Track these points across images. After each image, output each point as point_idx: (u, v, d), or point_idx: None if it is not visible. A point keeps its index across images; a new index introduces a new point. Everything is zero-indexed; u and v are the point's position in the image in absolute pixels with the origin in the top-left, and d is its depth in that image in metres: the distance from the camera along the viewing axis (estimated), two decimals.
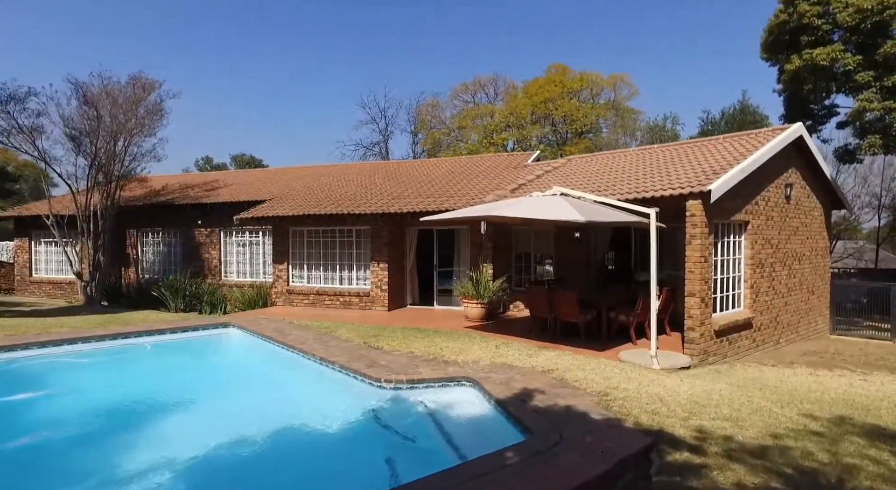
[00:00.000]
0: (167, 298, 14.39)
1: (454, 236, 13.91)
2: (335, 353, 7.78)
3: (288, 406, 6.16)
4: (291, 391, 6.77)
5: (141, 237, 17.45)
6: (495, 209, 8.16)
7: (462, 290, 11.80)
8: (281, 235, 14.39)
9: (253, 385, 7.11)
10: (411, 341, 9.18)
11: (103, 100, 13.82)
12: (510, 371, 6.90)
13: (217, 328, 10.28)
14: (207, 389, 6.88)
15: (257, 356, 8.70)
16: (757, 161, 8.72)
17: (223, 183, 19.03)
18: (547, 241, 12.95)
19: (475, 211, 8.22)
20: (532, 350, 8.50)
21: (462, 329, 10.56)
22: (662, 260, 10.93)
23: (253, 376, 7.56)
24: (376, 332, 10.04)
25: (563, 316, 9.49)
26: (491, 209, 8.20)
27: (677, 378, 6.87)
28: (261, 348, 8.81)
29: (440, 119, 36.31)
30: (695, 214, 7.91)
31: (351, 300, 13.59)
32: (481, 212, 8.06)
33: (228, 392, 6.81)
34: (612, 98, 34.16)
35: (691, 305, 7.93)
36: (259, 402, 6.32)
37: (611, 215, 7.78)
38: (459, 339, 9.43)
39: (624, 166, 11.49)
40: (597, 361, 7.69)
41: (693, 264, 7.92)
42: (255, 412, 5.96)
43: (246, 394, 6.70)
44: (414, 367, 7.00)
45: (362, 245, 13.72)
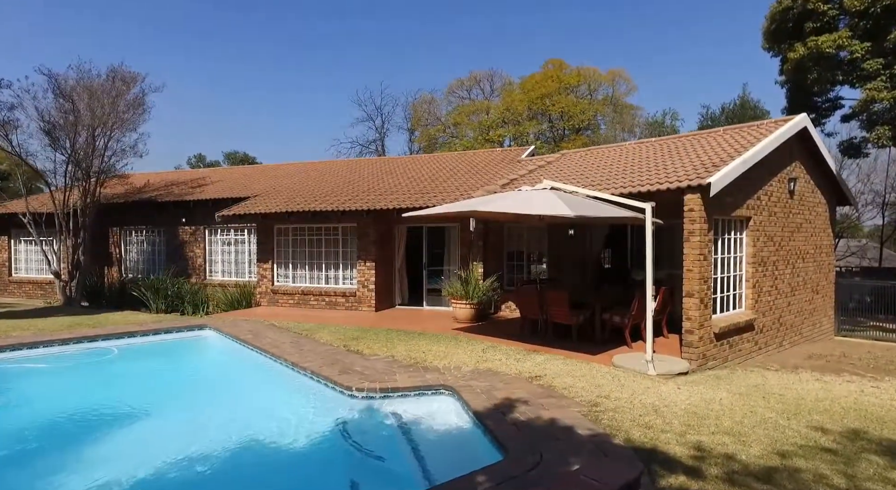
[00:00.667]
0: (148, 299, 13.90)
1: (444, 234, 13.41)
2: (309, 357, 7.29)
3: (250, 417, 5.66)
4: (257, 400, 6.27)
5: (124, 235, 16.95)
6: (480, 204, 7.66)
7: (450, 290, 11.30)
8: (265, 234, 13.89)
9: (217, 393, 6.61)
10: (394, 344, 8.69)
11: (80, 92, 13.30)
12: (494, 378, 6.40)
13: (192, 330, 9.78)
14: (166, 398, 6.38)
15: (228, 361, 8.21)
16: (759, 153, 8.22)
17: (210, 180, 18.51)
18: (540, 239, 12.46)
19: (458, 206, 7.73)
20: (521, 354, 8.01)
21: (450, 331, 10.07)
22: (660, 258, 10.44)
23: (219, 384, 7.06)
24: (358, 335, 9.55)
25: (554, 317, 9.00)
26: (475, 204, 7.70)
27: (674, 385, 6.37)
28: (233, 352, 8.32)
29: (436, 115, 35.78)
30: (693, 209, 7.41)
31: (337, 300, 13.10)
32: (465, 207, 7.56)
33: (188, 401, 6.31)
34: (611, 94, 33.62)
35: (690, 306, 7.43)
36: (219, 413, 5.82)
37: (604, 210, 7.28)
38: (445, 341, 8.94)
39: (620, 160, 10.98)
40: (588, 367, 7.20)
41: (691, 262, 7.42)
42: (213, 424, 5.47)
43: (207, 403, 6.20)
44: (391, 373, 6.50)
45: (349, 243, 13.22)
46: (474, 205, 7.58)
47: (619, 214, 7.23)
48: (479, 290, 11.14)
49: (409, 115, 37.38)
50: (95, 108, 13.28)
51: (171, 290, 13.97)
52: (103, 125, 13.77)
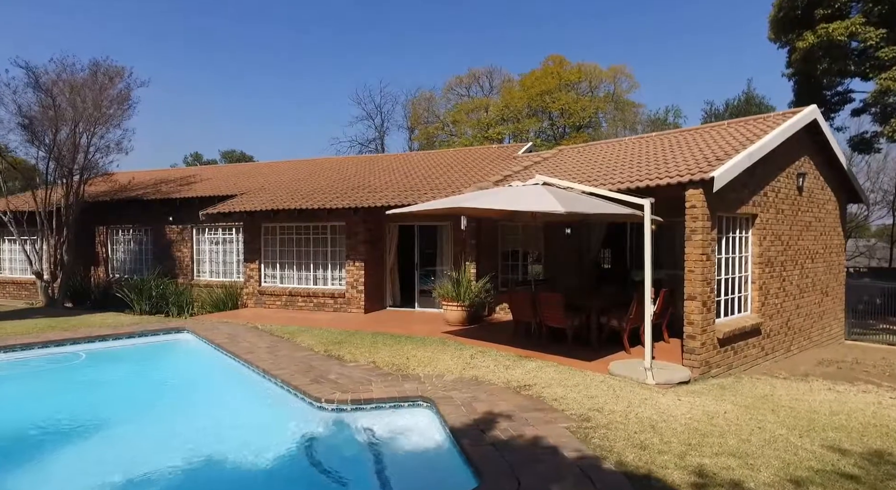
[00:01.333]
0: (132, 300, 13.45)
1: (436, 233, 12.92)
2: (283, 364, 6.81)
3: (212, 432, 5.19)
4: (219, 412, 5.79)
5: (110, 234, 16.52)
6: (466, 201, 7.17)
7: (441, 291, 10.81)
8: (252, 232, 13.43)
9: (179, 404, 6.14)
10: (377, 349, 8.21)
11: (60, 86, 12.87)
12: (478, 388, 5.91)
13: (169, 334, 9.33)
14: (123, 409, 5.91)
15: (198, 368, 7.74)
16: (766, 146, 7.69)
17: (200, 178, 18.08)
18: (536, 238, 11.95)
19: (443, 203, 7.24)
20: (511, 360, 7.52)
21: (439, 334, 9.58)
22: (661, 258, 9.93)
23: (183, 393, 6.59)
24: (342, 339, 9.08)
25: (547, 320, 8.50)
26: (461, 201, 7.21)
27: (674, 396, 5.86)
28: (206, 358, 7.86)
29: (434, 113, 35.26)
30: (695, 206, 6.89)
31: (325, 302, 12.62)
32: (450, 204, 7.07)
33: (146, 413, 5.84)
34: (612, 91, 33.02)
35: (691, 310, 6.91)
36: (176, 426, 5.35)
37: (599, 207, 6.78)
38: (432, 346, 8.45)
39: (618, 156, 10.47)
40: (582, 375, 6.69)
41: (693, 263, 6.90)
42: (171, 440, 4.99)
43: (166, 415, 5.73)
44: (367, 382, 6.02)
45: (338, 242, 12.74)
46: (459, 201, 7.09)
47: (616, 211, 6.73)
48: (471, 291, 10.64)
49: (409, 113, 36.95)
50: (76, 103, 12.84)
51: (157, 291, 13.52)
52: (85, 120, 13.32)
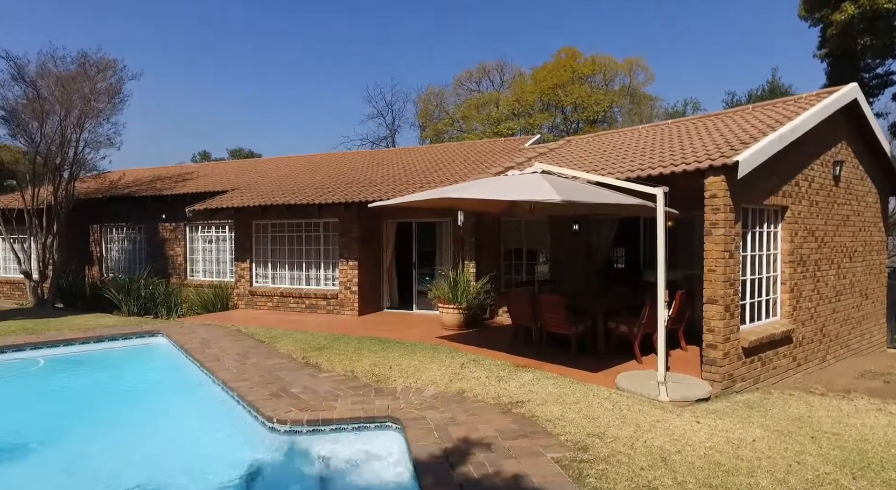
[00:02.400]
0: (120, 301, 12.93)
1: (436, 230, 12.12)
2: (248, 374, 6.08)
3: (148, 456, 4.46)
4: (166, 431, 5.07)
5: (105, 233, 16.08)
6: (452, 191, 6.36)
7: (437, 292, 10.00)
8: (243, 230, 12.79)
9: (123, 420, 5.44)
10: (360, 357, 7.45)
11: (45, 78, 12.40)
12: (460, 406, 5.10)
13: (142, 337, 8.70)
14: (63, 425, 5.25)
15: (159, 377, 7.05)
16: (799, 128, 6.73)
17: (197, 175, 17.57)
18: (541, 235, 11.07)
19: (428, 194, 6.43)
20: (505, 370, 6.68)
21: (433, 339, 8.78)
22: (678, 257, 9.00)
23: (133, 407, 5.89)
24: (326, 344, 8.35)
25: (548, 325, 7.64)
26: (447, 191, 6.40)
27: (692, 417, 4.97)
28: (171, 366, 7.18)
29: (443, 108, 34.39)
30: (716, 196, 5.98)
31: (318, 303, 11.92)
32: (435, 195, 6.26)
33: (86, 429, 5.16)
34: (628, 83, 31.82)
35: (712, 315, 6.00)
36: (111, 448, 4.64)
37: (603, 197, 5.91)
38: (421, 353, 7.66)
39: (630, 144, 9.55)
40: (585, 389, 5.83)
41: (714, 261, 5.99)
42: (93, 464, 4.28)
43: (103, 434, 5.04)
44: (333, 397, 5.25)
45: (331, 240, 12.03)
46: (445, 192, 6.28)
47: (623, 201, 5.85)
48: (469, 292, 9.82)
49: (419, 109, 36.16)
50: (61, 96, 12.35)
51: (146, 291, 12.97)
52: (72, 114, 12.84)
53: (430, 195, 6.38)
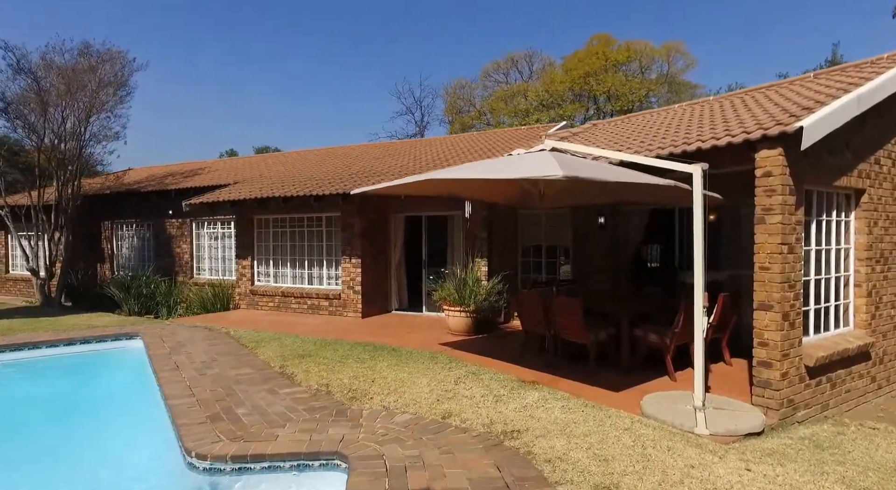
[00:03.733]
0: (121, 299, 12.46)
1: (447, 225, 11.09)
2: (199, 388, 5.21)
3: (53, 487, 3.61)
4: (88, 459, 4.21)
5: (115, 230, 15.77)
6: (440, 173, 5.31)
7: (443, 293, 8.96)
8: (244, 226, 12.09)
9: (52, 441, 4.62)
10: (344, 366, 6.52)
11: (45, 69, 12.03)
12: (436, 437, 4.05)
13: (118, 340, 8.02)
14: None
15: (112, 388, 6.29)
16: (883, 89, 5.36)
17: (208, 170, 17.10)
18: (563, 230, 9.87)
19: (412, 178, 5.40)
20: (508, 387, 5.59)
21: (434, 347, 7.76)
22: (721, 254, 7.68)
23: (68, 424, 5.09)
24: (312, 350, 7.45)
25: (563, 333, 6.48)
26: (433, 174, 5.34)
27: (740, 462, 3.76)
28: (129, 375, 6.43)
29: (470, 101, 33.20)
30: (771, 173, 4.72)
31: (320, 304, 11.07)
32: (420, 178, 5.23)
33: (5, 450, 4.36)
34: (666, 70, 29.81)
35: (766, 324, 4.73)
36: (28, 475, 3.81)
37: (621, 176, 4.74)
38: (415, 363, 6.65)
39: (664, 123, 8.26)
40: (601, 415, 4.68)
41: (768, 256, 4.72)
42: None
43: (25, 457, 4.22)
44: (281, 423, 4.29)
45: (333, 236, 11.16)
46: (431, 175, 5.23)
47: (644, 181, 4.65)
48: (479, 293, 8.73)
49: (446, 103, 35.04)
50: (62, 88, 11.95)
51: (147, 290, 12.46)
52: (74, 106, 12.45)
53: (414, 179, 5.35)
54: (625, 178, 4.56)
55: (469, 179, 5.59)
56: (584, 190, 6.50)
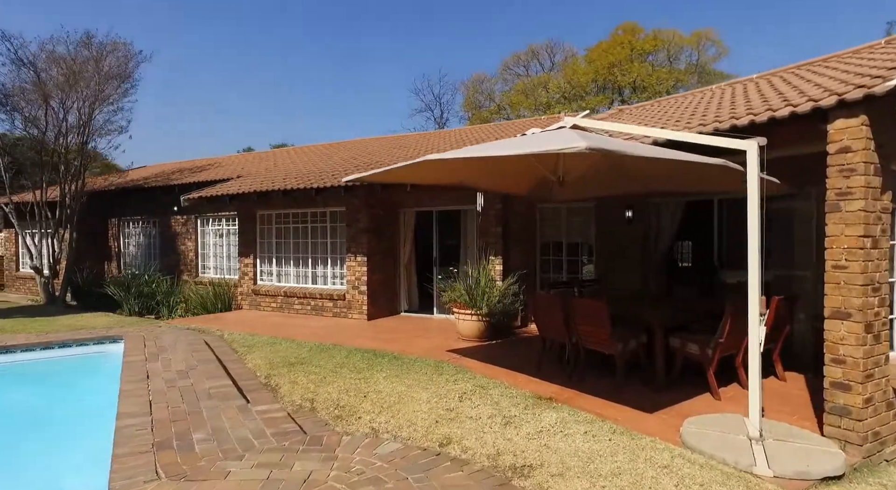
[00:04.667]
0: (122, 299, 12.01)
1: (460, 220, 10.28)
2: (161, 404, 4.51)
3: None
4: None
5: (122, 227, 15.40)
6: (446, 154, 4.51)
7: (452, 294, 8.16)
8: (247, 222, 11.50)
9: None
10: (336, 377, 5.79)
11: (46, 59, 11.64)
12: (424, 477, 3.25)
13: (100, 344, 7.44)
14: None
15: (63, 403, 5.58)
16: None
17: (216, 165, 16.63)
18: (586, 225, 8.96)
19: (406, 163, 4.62)
20: (521, 405, 4.78)
21: (440, 354, 6.97)
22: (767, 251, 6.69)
23: (10, 447, 4.43)
24: (306, 357, 6.75)
25: (586, 340, 5.61)
26: (431, 155, 4.55)
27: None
28: (98, 385, 5.76)
29: (489, 96, 32.20)
30: (850, 149, 3.78)
31: (324, 305, 10.38)
32: (415, 161, 4.44)
33: None
34: (696, 60, 28.36)
35: (842, 336, 3.80)
36: None
37: (653, 152, 3.86)
38: (417, 374, 5.88)
39: (702, 103, 7.30)
40: (633, 445, 3.82)
41: (845, 252, 3.79)
42: None
43: None
44: (240, 453, 3.54)
45: (338, 232, 10.46)
46: (431, 156, 4.43)
47: (687, 159, 3.77)
48: (492, 295, 7.91)
49: (464, 97, 34.15)
50: (59, 79, 11.54)
51: (147, 289, 11.97)
52: (72, 98, 12.04)
53: (411, 162, 4.56)
54: (660, 154, 3.68)
55: (477, 160, 4.78)
56: (610, 176, 5.62)
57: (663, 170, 4.96)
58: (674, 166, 4.31)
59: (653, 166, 4.82)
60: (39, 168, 12.68)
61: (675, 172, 4.96)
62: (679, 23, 46.84)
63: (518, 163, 5.32)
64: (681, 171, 4.78)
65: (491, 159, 4.86)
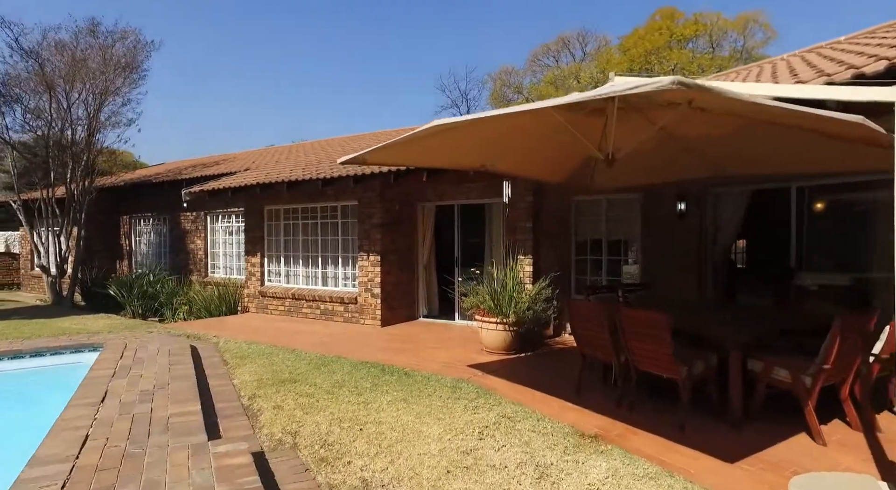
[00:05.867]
0: (124, 300, 11.36)
1: (485, 215, 9.20)
2: (95, 440, 3.58)
3: None
4: None
5: (134, 224, 14.85)
6: (472, 115, 3.44)
7: (475, 299, 7.08)
8: (254, 217, 10.68)
9: None
10: (332, 399, 4.84)
11: (49, 48, 11.08)
12: None
13: (79, 353, 6.66)
14: None
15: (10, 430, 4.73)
16: None
17: (231, 160, 15.96)
18: (630, 220, 7.75)
19: (410, 135, 3.57)
20: (561, 446, 3.71)
21: (461, 369, 5.93)
22: (844, 251, 5.43)
23: None
24: (303, 372, 5.82)
25: (641, 361, 4.46)
26: (444, 120, 3.48)
27: None
28: (35, 412, 4.86)
29: (518, 88, 30.89)
30: None
31: (334, 309, 9.45)
32: (438, 123, 3.39)
33: None
34: (741, 45, 26.43)
35: None
36: None
37: (777, 99, 2.69)
38: (429, 397, 4.85)
39: (780, 71, 6.03)
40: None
41: None
42: None
43: None
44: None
45: (350, 229, 9.52)
46: (439, 120, 3.37)
47: (818, 114, 2.59)
48: (521, 300, 6.80)
49: (491, 90, 32.97)
50: (62, 68, 10.96)
51: (151, 290, 11.29)
52: (79, 89, 11.45)
53: (411, 134, 3.50)
54: (779, 104, 2.52)
55: (502, 128, 3.70)
56: (673, 153, 4.46)
57: (757, 139, 3.78)
58: (775, 135, 3.14)
59: (742, 137, 3.65)
60: (46, 162, 12.14)
61: (775, 143, 3.77)
62: (722, 5, 43.91)
63: (553, 135, 4.22)
64: (788, 139, 3.58)
65: (519, 127, 3.79)
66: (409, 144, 3.83)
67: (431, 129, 3.31)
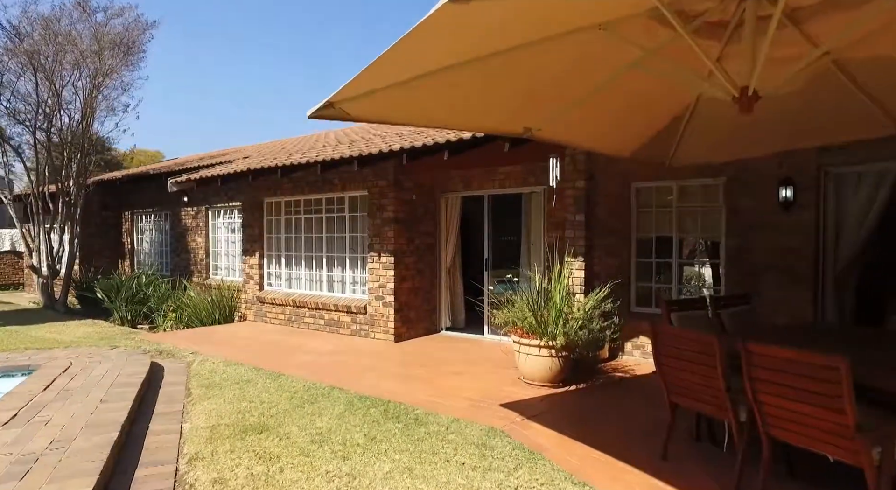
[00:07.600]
0: (113, 305, 10.15)
1: (521, 207, 7.55)
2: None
3: None
4: None
5: (136, 221, 13.74)
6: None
7: (510, 314, 5.43)
8: (252, 212, 9.32)
9: None
10: (307, 463, 3.34)
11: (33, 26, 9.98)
12: None
13: (7, 378, 5.32)
14: None
15: None
16: None
17: (241, 153, 14.70)
18: (711, 214, 5.97)
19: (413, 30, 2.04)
20: None
21: (493, 412, 4.33)
22: None
23: None
24: (278, 414, 4.31)
25: (783, 430, 2.73)
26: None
27: None
28: None
29: None
30: None
31: (340, 319, 7.96)
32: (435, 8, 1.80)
33: None
34: None
35: None
36: None
37: None
38: (448, 463, 3.27)
39: None
40: None
41: None
42: None
43: None
44: None
45: (359, 224, 8.02)
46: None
47: None
48: (573, 316, 5.13)
49: None
50: (43, 48, 9.84)
51: (141, 293, 10.04)
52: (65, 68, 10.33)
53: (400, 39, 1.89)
54: None
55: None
56: (840, 97, 2.75)
57: None
58: None
59: None
60: (35, 153, 11.08)
61: None
62: None
63: (634, 77, 2.58)
64: None
65: (589, 56, 2.19)
66: (408, 63, 2.24)
67: (441, 12, 1.70)
